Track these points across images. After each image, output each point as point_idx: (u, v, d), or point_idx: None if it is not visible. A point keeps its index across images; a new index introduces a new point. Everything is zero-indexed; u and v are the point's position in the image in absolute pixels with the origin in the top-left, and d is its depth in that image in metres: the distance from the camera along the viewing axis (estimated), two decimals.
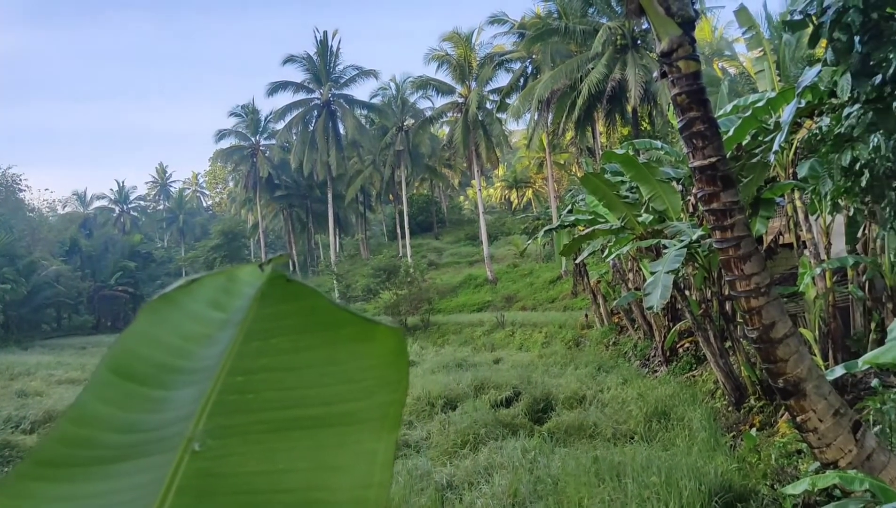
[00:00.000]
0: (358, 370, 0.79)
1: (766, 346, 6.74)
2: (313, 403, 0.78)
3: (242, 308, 0.77)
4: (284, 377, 0.78)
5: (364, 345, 0.79)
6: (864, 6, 4.76)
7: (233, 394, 0.76)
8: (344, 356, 0.79)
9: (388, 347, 0.80)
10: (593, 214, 17.95)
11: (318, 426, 0.78)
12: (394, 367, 0.80)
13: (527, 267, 47.35)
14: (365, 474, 0.78)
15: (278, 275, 0.78)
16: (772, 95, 11.90)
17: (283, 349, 0.78)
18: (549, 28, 35.77)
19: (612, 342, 26.27)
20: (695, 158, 7.13)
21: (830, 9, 5.31)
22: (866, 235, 11.54)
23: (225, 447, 0.75)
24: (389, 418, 0.80)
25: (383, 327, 0.79)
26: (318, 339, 0.79)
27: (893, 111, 5.68)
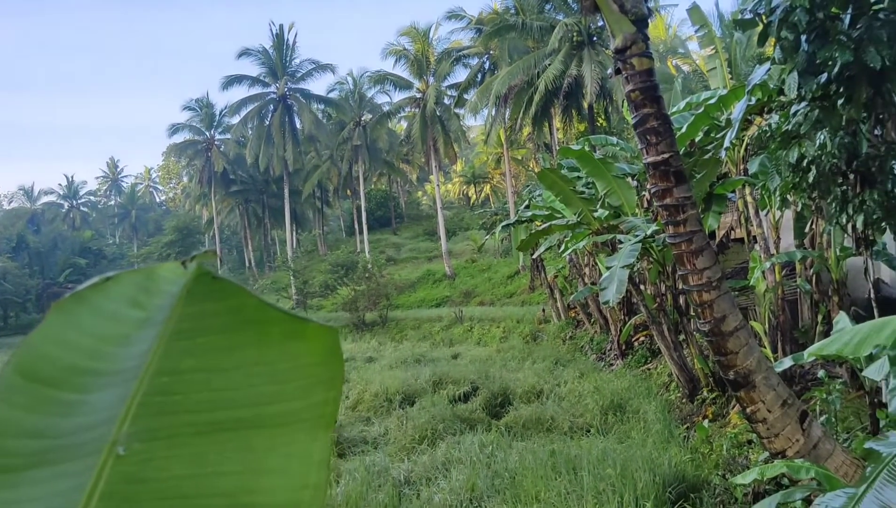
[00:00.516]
0: (290, 369, 0.77)
1: (717, 339, 6.86)
2: (243, 404, 0.75)
3: (164, 307, 0.74)
4: (213, 378, 0.75)
5: (295, 344, 0.76)
6: (810, 6, 4.87)
7: (158, 396, 0.73)
8: (274, 356, 0.76)
9: (320, 345, 0.77)
10: (550, 209, 18.07)
11: (249, 427, 0.75)
12: (327, 365, 0.77)
13: (485, 262, 47.51)
14: (300, 475, 0.76)
15: (204, 273, 0.75)
16: (723, 92, 12.11)
17: (210, 348, 0.75)
18: (506, 24, 35.89)
19: (569, 336, 26.53)
20: (648, 154, 7.22)
21: (778, 8, 5.41)
22: (813, 229, 11.83)
23: (151, 450, 0.72)
24: (324, 417, 0.78)
25: (315, 325, 0.77)
26: (248, 338, 0.76)
27: (838, 109, 5.83)
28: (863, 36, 4.85)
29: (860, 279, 12.60)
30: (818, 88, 5.44)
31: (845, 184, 7.74)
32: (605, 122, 38.72)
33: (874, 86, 6.32)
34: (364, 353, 29.25)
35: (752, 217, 13.39)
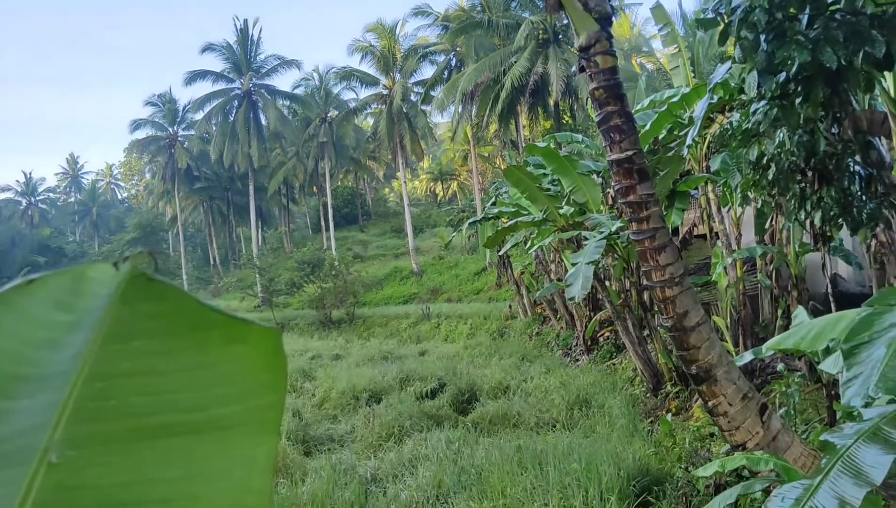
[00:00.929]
0: (231, 372, 0.75)
1: (679, 334, 6.95)
2: (184, 408, 0.74)
3: (94, 309, 0.72)
4: (150, 382, 0.73)
5: (237, 347, 0.75)
6: (768, 6, 4.94)
7: (93, 401, 0.70)
8: (215, 359, 0.75)
9: (262, 348, 0.75)
10: (516, 206, 18.15)
11: (189, 432, 0.73)
12: (270, 368, 0.76)
13: (452, 259, 47.57)
14: (243, 481, 0.74)
15: (139, 274, 0.72)
16: (686, 90, 12.26)
17: (147, 352, 0.73)
18: (472, 21, 35.94)
19: (535, 332, 26.68)
20: (612, 151, 7.27)
21: (739, 8, 5.49)
22: (773, 226, 12.04)
23: (86, 457, 0.70)
24: (268, 422, 0.76)
25: (257, 327, 0.75)
26: (187, 341, 0.74)
27: (796, 108, 5.93)
28: (819, 36, 4.94)
29: (818, 275, 12.86)
30: (777, 87, 5.53)
31: (804, 181, 7.88)
32: (570, 119, 38.98)
33: (831, 85, 6.44)
34: (331, 351, 29.11)
35: (715, 214, 13.58)
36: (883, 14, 5.15)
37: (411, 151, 49.43)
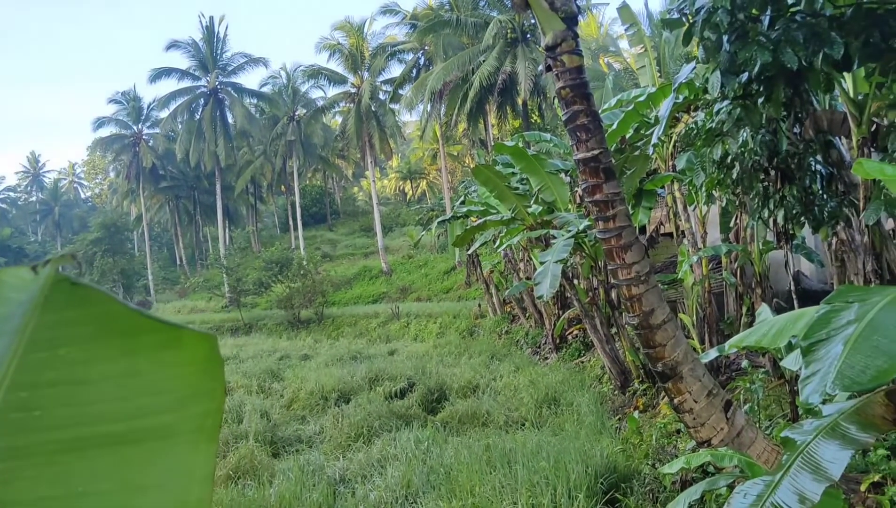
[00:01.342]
0: (165, 380, 0.72)
1: (645, 332, 7.00)
2: (115, 418, 0.70)
3: (12, 316, 0.68)
4: (78, 391, 0.70)
5: (169, 353, 0.71)
6: (731, 7, 4.99)
7: (16, 412, 0.67)
8: (147, 366, 0.71)
9: (197, 354, 0.72)
10: (485, 205, 18.18)
11: (121, 442, 0.70)
12: (206, 375, 0.73)
13: (422, 258, 47.53)
14: (180, 491, 0.71)
15: (62, 279, 0.69)
16: (652, 90, 12.36)
17: (73, 360, 0.69)
18: (440, 20, 35.91)
19: (504, 330, 26.76)
20: (579, 150, 7.29)
21: (702, 9, 5.54)
22: (738, 224, 12.19)
23: (11, 470, 0.66)
24: (206, 429, 0.73)
25: (190, 332, 0.72)
26: (116, 348, 0.70)
27: (758, 108, 6.01)
28: (780, 37, 5.00)
29: (782, 272, 13.08)
30: (740, 86, 5.60)
31: (766, 180, 8.00)
32: (539, 118, 39.16)
33: (792, 85, 6.54)
34: (299, 351, 28.92)
35: (681, 212, 13.72)
36: (841, 16, 5.23)
37: (380, 149, 49.28)
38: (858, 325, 2.41)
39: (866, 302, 2.55)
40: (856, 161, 3.00)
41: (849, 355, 2.29)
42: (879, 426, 2.95)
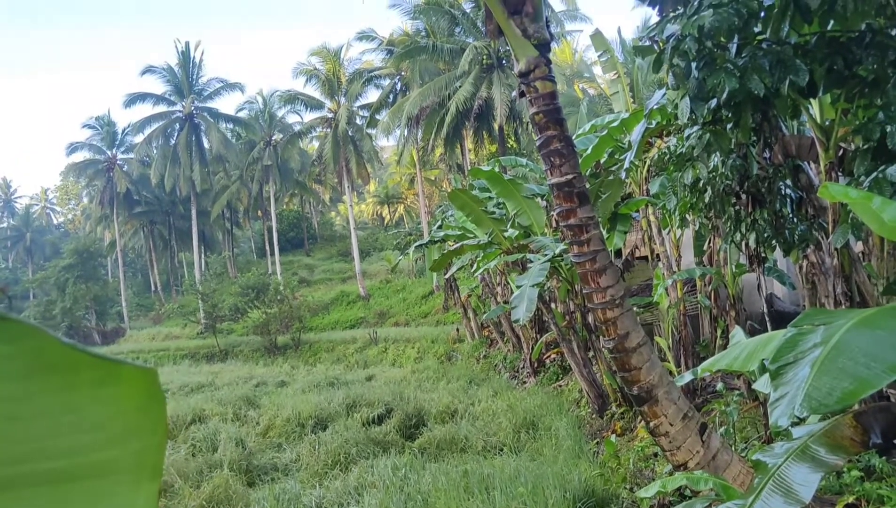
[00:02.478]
0: (103, 416, 0.70)
1: (621, 355, 7.02)
2: (50, 455, 0.68)
3: None
4: (12, 428, 0.68)
5: (108, 389, 0.70)
6: (698, 35, 5.08)
7: None
8: (85, 402, 0.70)
9: (138, 389, 0.71)
10: (462, 229, 18.22)
11: (58, 480, 0.68)
12: (147, 410, 0.71)
13: (399, 283, 47.45)
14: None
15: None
16: (625, 115, 12.53)
17: (6, 396, 0.67)
18: (417, 46, 36.19)
19: (482, 355, 26.72)
20: (553, 175, 7.35)
21: (672, 37, 5.64)
22: (711, 247, 12.33)
23: None
24: (147, 466, 0.71)
25: (130, 367, 0.71)
26: (51, 384, 0.69)
27: (728, 133, 6.11)
28: (747, 64, 5.10)
29: (755, 295, 13.22)
30: (709, 112, 5.69)
31: (738, 204, 8.10)
32: (515, 143, 39.46)
33: (760, 111, 6.66)
34: (276, 377, 28.62)
35: (656, 236, 13.85)
36: (806, 44, 5.35)
37: (357, 174, 49.32)
38: (825, 348, 2.44)
39: (832, 325, 2.58)
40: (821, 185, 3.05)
41: (815, 377, 2.31)
42: (848, 448, 2.97)
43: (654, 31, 6.26)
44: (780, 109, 6.20)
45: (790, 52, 5.12)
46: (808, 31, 5.44)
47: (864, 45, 5.11)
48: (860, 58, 5.15)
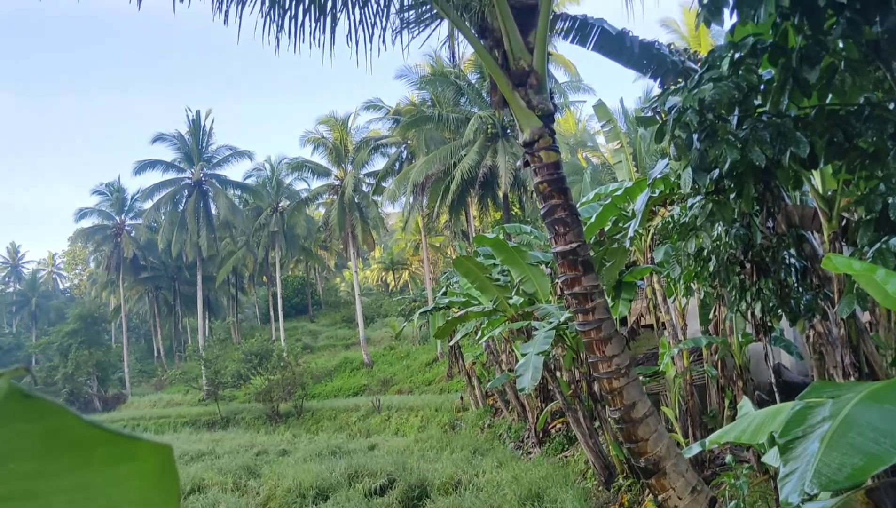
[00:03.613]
0: (118, 492, 0.70)
1: (627, 426, 6.93)
2: None
3: None
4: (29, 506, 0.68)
5: (125, 465, 0.70)
6: (699, 107, 5.19)
7: None
8: (100, 479, 0.70)
9: (152, 465, 0.71)
10: (467, 296, 18.22)
11: None
12: (160, 486, 0.71)
13: (403, 349, 47.14)
14: None
15: (14, 390, 0.68)
16: (629, 184, 12.68)
17: (25, 474, 0.68)
18: (423, 115, 36.90)
19: (487, 424, 26.33)
20: (557, 243, 7.41)
21: (673, 108, 5.76)
22: (717, 316, 12.27)
23: None
24: None
25: (146, 443, 0.71)
26: (68, 461, 0.69)
27: (730, 204, 6.17)
28: (748, 136, 5.19)
29: (763, 364, 13.07)
30: (711, 183, 5.76)
31: (742, 273, 8.10)
32: (519, 210, 39.78)
33: (763, 182, 6.73)
34: (277, 446, 28.20)
35: (661, 304, 13.81)
36: (806, 116, 5.45)
37: (363, 240, 49.61)
38: (833, 422, 2.41)
39: (840, 398, 2.56)
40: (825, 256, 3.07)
41: (825, 452, 2.28)
42: None
43: (656, 103, 6.39)
44: (782, 179, 6.28)
45: (790, 124, 5.21)
46: (807, 104, 5.55)
47: (864, 118, 5.20)
48: (860, 131, 5.24)
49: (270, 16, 7.93)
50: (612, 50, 9.98)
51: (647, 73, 10.26)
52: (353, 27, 8.40)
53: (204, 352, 47.04)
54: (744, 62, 5.38)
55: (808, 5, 4.44)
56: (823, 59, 5.10)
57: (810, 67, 4.85)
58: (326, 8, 8.12)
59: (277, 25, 7.92)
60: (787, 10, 4.42)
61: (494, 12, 7.49)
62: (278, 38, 8.01)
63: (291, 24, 8.05)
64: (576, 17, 10.02)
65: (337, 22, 8.21)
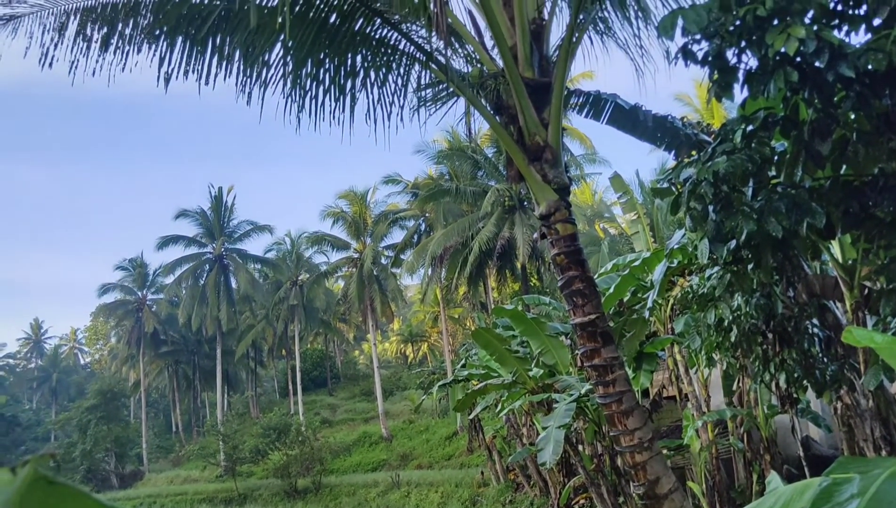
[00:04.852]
0: None
1: (651, 502, 6.75)
2: None
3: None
4: None
5: None
6: (714, 179, 5.24)
7: None
8: None
9: None
10: (486, 368, 18.06)
11: None
12: None
13: (423, 423, 46.49)
14: None
15: (40, 477, 0.70)
16: (647, 255, 12.70)
17: None
18: (441, 189, 37.39)
19: (508, 500, 25.70)
20: (575, 315, 7.38)
21: (688, 180, 5.81)
22: (741, 387, 12.07)
23: None
24: None
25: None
26: None
27: (749, 274, 6.15)
28: (764, 207, 5.21)
29: (790, 437, 12.76)
30: (728, 253, 5.76)
31: (765, 343, 8.01)
32: (538, 281, 39.73)
33: (781, 251, 6.71)
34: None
35: (683, 375, 13.62)
36: (821, 187, 5.48)
37: (381, 313, 49.61)
38: (861, 500, 2.34)
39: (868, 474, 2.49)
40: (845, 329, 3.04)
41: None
42: None
43: (672, 175, 6.46)
44: (801, 249, 6.27)
45: (805, 195, 5.24)
46: (821, 175, 5.58)
47: (879, 188, 5.22)
48: (876, 201, 5.25)
49: (292, 96, 8.17)
50: (625, 124, 10.14)
51: (662, 145, 10.39)
52: (372, 106, 8.63)
53: (222, 427, 46.69)
54: (756, 135, 5.45)
55: (817, 80, 4.52)
56: (835, 132, 5.16)
57: (822, 140, 4.91)
58: (346, 88, 8.36)
59: (298, 106, 8.16)
60: (797, 84, 4.50)
61: (509, 90, 7.67)
62: (299, 118, 8.24)
63: (312, 104, 8.29)
64: (589, 93, 10.22)
65: (356, 101, 8.44)
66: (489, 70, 8.29)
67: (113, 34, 7.58)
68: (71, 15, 7.55)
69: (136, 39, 7.63)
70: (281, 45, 7.77)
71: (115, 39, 7.60)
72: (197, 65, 7.78)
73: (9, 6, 7.33)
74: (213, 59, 7.78)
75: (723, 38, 4.68)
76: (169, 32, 7.59)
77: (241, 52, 7.80)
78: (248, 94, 8.02)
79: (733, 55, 4.80)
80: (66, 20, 7.56)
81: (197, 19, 7.54)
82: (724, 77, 4.78)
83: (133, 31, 7.61)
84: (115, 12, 7.55)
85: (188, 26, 7.57)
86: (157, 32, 7.56)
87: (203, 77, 7.79)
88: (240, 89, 7.96)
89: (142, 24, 7.59)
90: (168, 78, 7.69)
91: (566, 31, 7.73)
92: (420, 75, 8.96)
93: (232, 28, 7.57)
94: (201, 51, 7.73)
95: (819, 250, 6.81)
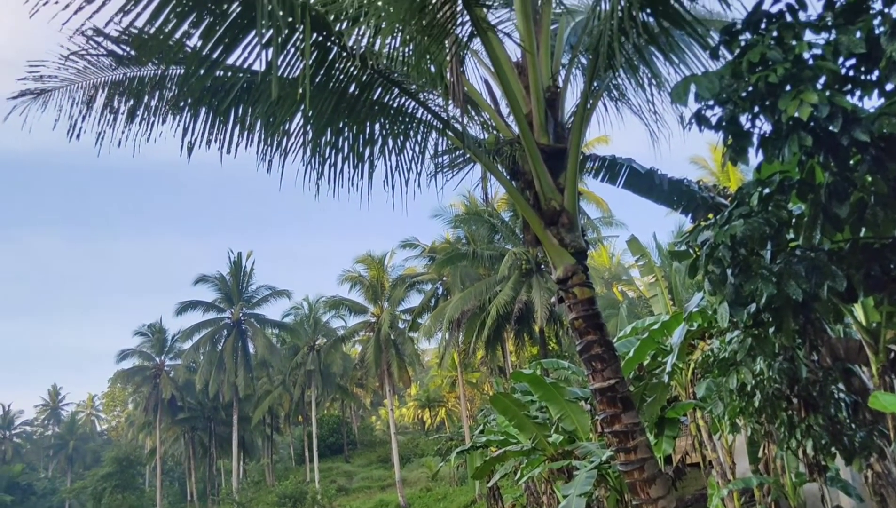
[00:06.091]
0: None
1: None
2: None
3: None
4: None
5: None
6: (731, 243, 5.22)
7: None
8: None
9: None
10: (505, 434, 17.78)
11: None
12: None
13: (440, 491, 45.57)
14: None
15: None
16: (666, 318, 12.60)
17: None
18: (458, 253, 37.53)
19: None
20: (595, 380, 7.28)
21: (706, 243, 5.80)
22: (766, 454, 11.76)
23: None
24: None
25: None
26: None
27: (770, 337, 6.06)
28: (783, 271, 5.17)
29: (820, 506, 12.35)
30: (749, 317, 5.69)
31: (790, 408, 7.84)
32: (556, 345, 39.40)
33: (803, 315, 6.63)
34: None
35: (706, 441, 13.32)
36: (840, 250, 5.44)
37: (399, 377, 49.24)
38: None
39: None
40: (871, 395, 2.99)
41: None
42: None
43: (689, 238, 6.45)
44: (823, 312, 6.18)
45: (825, 258, 5.20)
46: (840, 238, 5.55)
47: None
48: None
49: (311, 164, 8.31)
50: (641, 188, 10.20)
51: (678, 208, 10.42)
52: (390, 172, 8.74)
53: (237, 495, 46.04)
54: (773, 198, 5.45)
55: (832, 144, 4.54)
56: (852, 194, 5.15)
57: (840, 203, 4.90)
58: (364, 155, 8.50)
59: (318, 173, 8.29)
60: (812, 148, 4.52)
61: (525, 156, 7.76)
62: (318, 185, 8.36)
63: (331, 171, 8.42)
64: (605, 158, 10.32)
65: (374, 168, 8.57)
66: (505, 137, 8.41)
67: (139, 106, 7.80)
68: (99, 88, 7.79)
69: (162, 111, 7.84)
70: (301, 114, 7.93)
71: (141, 111, 7.81)
72: (219, 134, 7.95)
73: (41, 81, 7.57)
74: (235, 129, 7.96)
75: (736, 103, 4.73)
76: (193, 104, 7.78)
77: (263, 121, 7.97)
78: (269, 161, 8.17)
79: (747, 120, 4.84)
80: (94, 93, 7.79)
81: (220, 91, 7.74)
82: (738, 142, 4.82)
83: (159, 102, 7.83)
84: (142, 85, 7.78)
85: (212, 98, 7.77)
86: (181, 104, 7.76)
87: (225, 146, 7.96)
88: (260, 157, 8.11)
89: (167, 96, 7.80)
90: (191, 147, 7.87)
91: (580, 99, 7.85)
92: (437, 142, 9.09)
93: (254, 99, 7.76)
94: (224, 121, 7.92)
95: (842, 314, 6.70)
